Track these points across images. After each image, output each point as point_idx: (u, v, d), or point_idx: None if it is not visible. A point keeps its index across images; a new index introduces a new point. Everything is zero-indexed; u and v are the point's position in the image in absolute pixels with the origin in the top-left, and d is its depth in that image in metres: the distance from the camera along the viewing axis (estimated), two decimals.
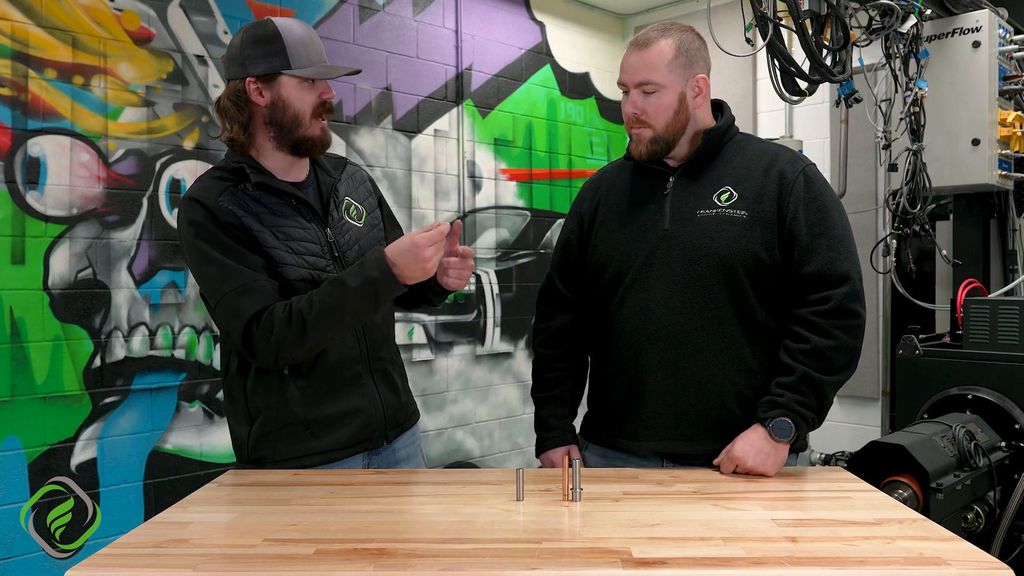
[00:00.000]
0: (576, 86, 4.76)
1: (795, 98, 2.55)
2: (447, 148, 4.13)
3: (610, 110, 4.93)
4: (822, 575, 1.15)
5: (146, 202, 3.09)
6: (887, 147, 3.05)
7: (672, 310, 1.79)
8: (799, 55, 2.49)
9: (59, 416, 2.87)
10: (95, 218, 2.96)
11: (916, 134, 3.00)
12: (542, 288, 2.05)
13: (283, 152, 1.79)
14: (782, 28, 2.42)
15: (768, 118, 4.50)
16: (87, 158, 2.95)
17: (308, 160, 1.85)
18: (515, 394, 4.44)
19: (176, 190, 3.16)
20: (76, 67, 2.92)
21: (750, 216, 1.77)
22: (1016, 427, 2.49)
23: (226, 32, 3.31)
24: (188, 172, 3.19)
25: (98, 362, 2.96)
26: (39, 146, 2.84)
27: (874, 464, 2.16)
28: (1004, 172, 3.08)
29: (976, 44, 3.01)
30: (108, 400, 2.99)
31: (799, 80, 2.51)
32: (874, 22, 2.81)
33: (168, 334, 3.15)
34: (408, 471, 1.84)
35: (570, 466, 1.51)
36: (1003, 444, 2.48)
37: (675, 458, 1.82)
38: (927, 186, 3.02)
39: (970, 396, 2.58)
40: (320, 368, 1.76)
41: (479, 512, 1.45)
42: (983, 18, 3.02)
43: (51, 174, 2.86)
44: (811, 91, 2.56)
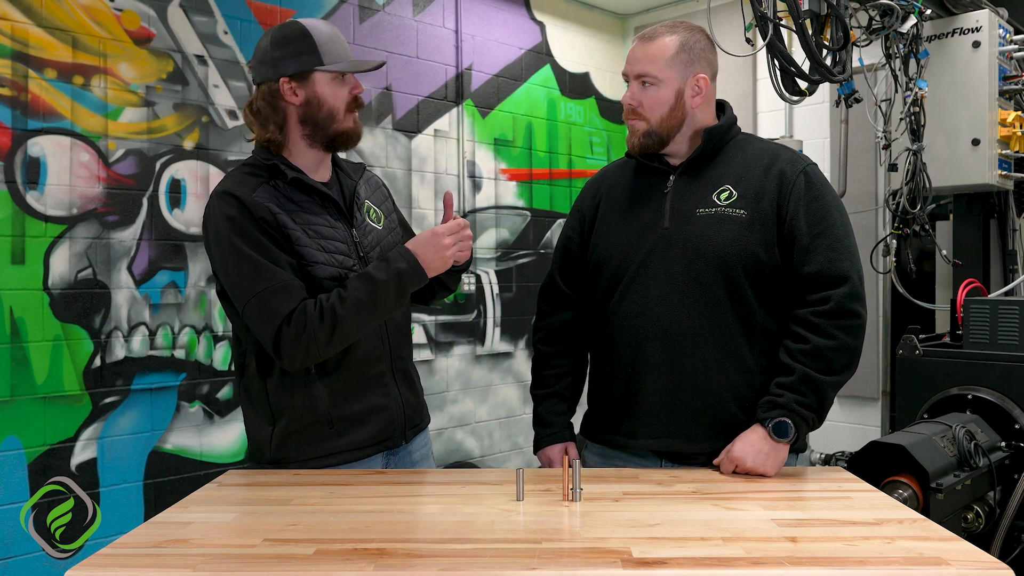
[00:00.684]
0: (576, 86, 4.76)
1: (795, 98, 2.55)
2: (447, 148, 4.13)
3: (610, 110, 4.92)
4: (822, 575, 1.15)
5: (146, 202, 3.09)
6: (887, 147, 3.05)
7: (670, 309, 1.79)
8: (799, 55, 2.49)
9: (59, 416, 2.87)
10: (95, 218, 2.96)
11: (916, 134, 3.00)
12: (543, 285, 2.06)
13: (315, 149, 1.81)
14: (782, 28, 2.42)
15: (768, 118, 4.50)
16: (87, 158, 2.95)
17: (331, 162, 1.88)
18: (515, 394, 4.44)
19: (176, 190, 3.17)
20: (76, 67, 2.92)
21: (749, 215, 1.77)
22: (1016, 427, 2.49)
23: (226, 32, 3.31)
24: (188, 172, 3.20)
25: (98, 362, 2.96)
26: (39, 146, 2.84)
27: (874, 464, 2.16)
28: (1004, 172, 3.08)
29: (976, 44, 3.01)
30: (108, 400, 2.99)
31: (799, 80, 2.51)
32: (874, 22, 2.81)
33: (168, 334, 3.15)
34: (408, 471, 1.84)
35: (569, 466, 1.51)
36: (1003, 444, 2.48)
37: (672, 457, 1.82)
38: (927, 186, 3.02)
39: (970, 396, 2.58)
40: (346, 365, 1.77)
41: (479, 512, 1.45)
42: (983, 18, 3.02)
43: (51, 174, 2.86)
44: (811, 91, 2.55)
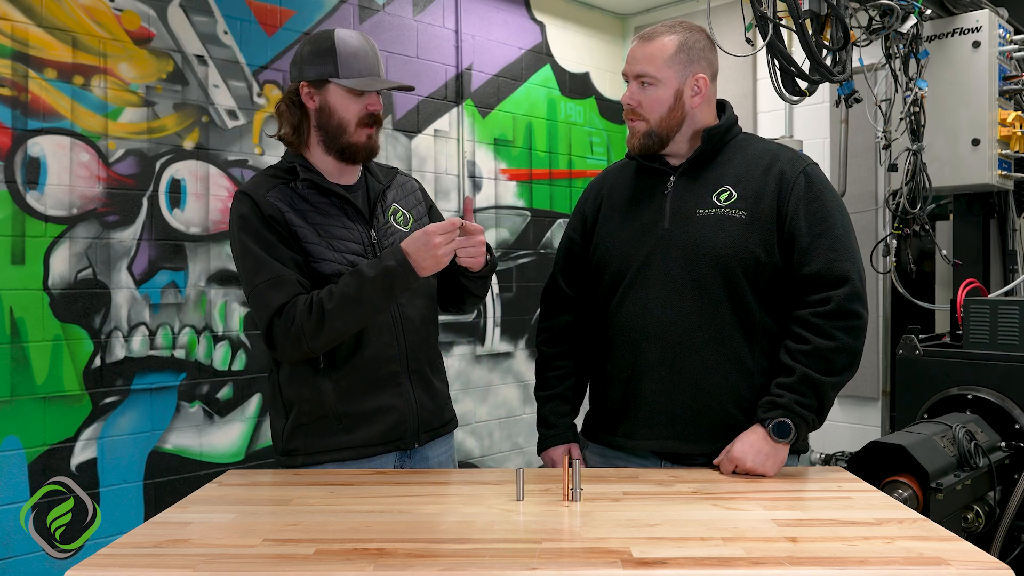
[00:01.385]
0: (576, 86, 4.76)
1: (795, 98, 2.55)
2: (447, 148, 4.13)
3: (610, 110, 4.92)
4: (822, 575, 1.15)
5: (146, 202, 3.09)
6: (887, 147, 3.04)
7: (670, 310, 1.79)
8: (799, 55, 2.49)
9: (59, 416, 2.87)
10: (95, 218, 2.96)
11: (916, 134, 3.00)
12: (546, 287, 2.06)
13: (331, 156, 1.86)
14: (782, 28, 2.42)
15: (768, 118, 4.50)
16: (87, 158, 2.95)
17: (360, 166, 1.92)
18: (515, 394, 4.44)
19: (176, 190, 3.17)
20: (76, 67, 2.92)
21: (749, 216, 1.77)
22: (1016, 427, 2.49)
23: (226, 32, 3.31)
24: (188, 172, 3.20)
25: (98, 362, 2.96)
26: (39, 146, 2.84)
27: (874, 464, 2.16)
28: (1004, 172, 3.08)
29: (976, 44, 3.01)
30: (108, 400, 2.99)
31: (799, 80, 2.51)
32: (874, 22, 2.81)
33: (168, 334, 3.15)
34: (408, 471, 1.84)
35: (570, 466, 1.51)
36: (1003, 444, 2.48)
37: (672, 458, 1.82)
38: (927, 186, 3.02)
39: (970, 396, 2.58)
40: (355, 362, 1.79)
41: (479, 512, 1.45)
42: (983, 18, 3.02)
43: (51, 174, 2.86)
44: (811, 91, 2.55)
